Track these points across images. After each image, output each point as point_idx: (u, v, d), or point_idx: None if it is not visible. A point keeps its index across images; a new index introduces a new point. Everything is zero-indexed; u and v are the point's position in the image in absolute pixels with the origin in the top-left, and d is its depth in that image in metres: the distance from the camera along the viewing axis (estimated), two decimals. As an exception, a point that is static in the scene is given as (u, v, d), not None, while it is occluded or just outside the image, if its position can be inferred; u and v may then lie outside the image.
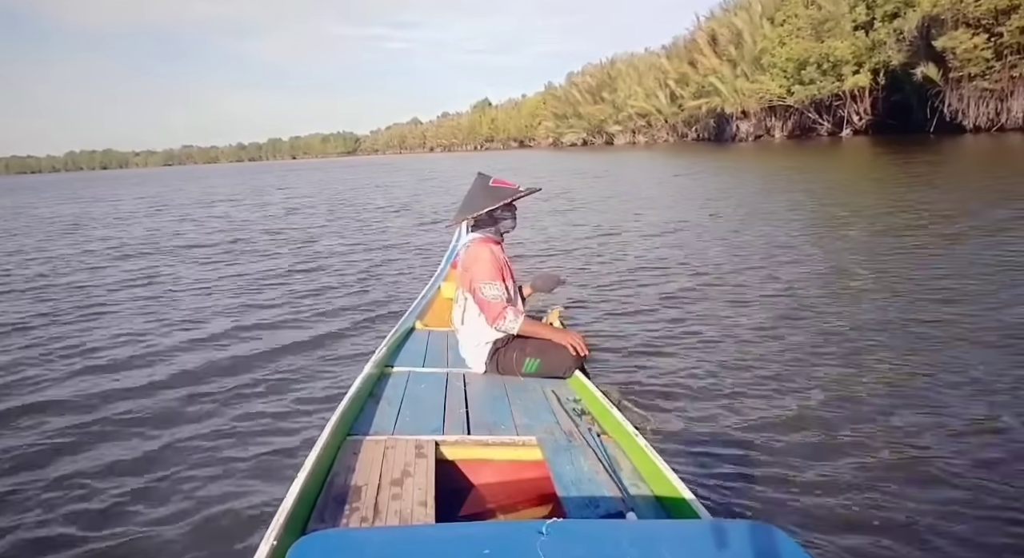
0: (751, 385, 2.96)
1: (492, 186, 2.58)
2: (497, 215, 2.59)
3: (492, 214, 2.58)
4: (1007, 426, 2.41)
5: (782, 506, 2.00)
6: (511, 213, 2.62)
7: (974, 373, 2.90)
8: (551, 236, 8.00)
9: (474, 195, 2.60)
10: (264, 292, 5.66)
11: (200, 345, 4.12)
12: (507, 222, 2.62)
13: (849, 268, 5.11)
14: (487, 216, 2.59)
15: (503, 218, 2.60)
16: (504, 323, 2.47)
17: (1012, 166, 12.42)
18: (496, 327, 2.50)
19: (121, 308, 5.29)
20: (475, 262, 2.52)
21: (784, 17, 30.72)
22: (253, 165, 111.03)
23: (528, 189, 2.60)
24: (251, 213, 13.88)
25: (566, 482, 1.66)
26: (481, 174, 2.66)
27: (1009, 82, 21.70)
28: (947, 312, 3.78)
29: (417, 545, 1.11)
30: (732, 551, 1.05)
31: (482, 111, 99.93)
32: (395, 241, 8.45)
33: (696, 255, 6.16)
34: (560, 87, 65.53)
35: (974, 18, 20.95)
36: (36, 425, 2.96)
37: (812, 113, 31.02)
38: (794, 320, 3.89)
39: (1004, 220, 6.42)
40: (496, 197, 2.55)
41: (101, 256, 8.41)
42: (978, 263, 4.87)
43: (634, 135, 49.31)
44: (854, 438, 2.40)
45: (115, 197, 23.86)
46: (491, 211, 2.56)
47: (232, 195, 20.92)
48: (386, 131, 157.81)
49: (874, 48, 26.50)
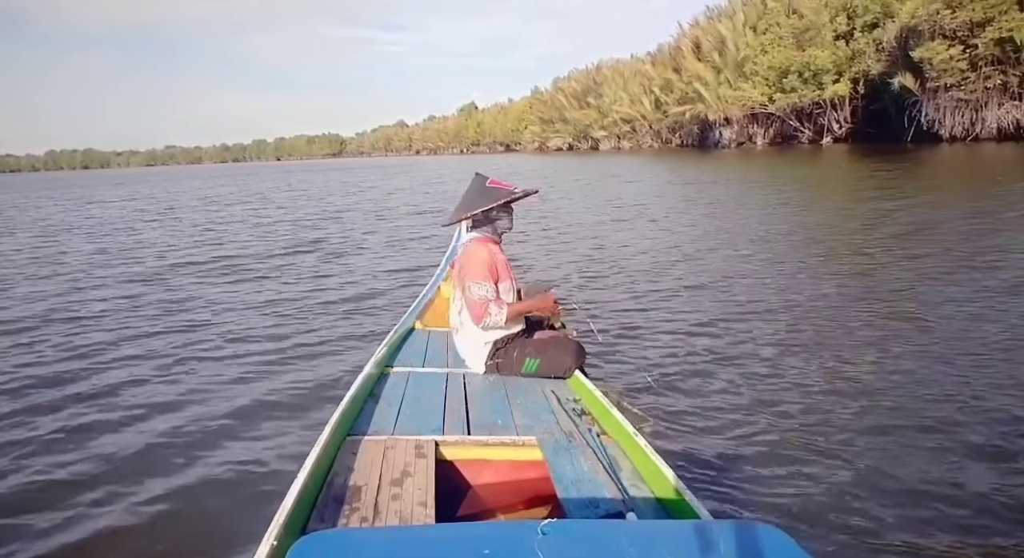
0: (751, 385, 2.98)
1: (489, 186, 2.60)
2: (493, 215, 2.60)
3: (488, 214, 2.59)
4: (1015, 436, 2.41)
5: (782, 506, 2.01)
6: (508, 213, 2.63)
7: (977, 376, 2.92)
8: (550, 237, 8.02)
9: (471, 195, 2.61)
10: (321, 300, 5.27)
11: (200, 344, 4.07)
12: (503, 222, 2.63)
13: (851, 271, 5.19)
14: (483, 216, 2.60)
15: (499, 218, 2.62)
16: (489, 319, 2.48)
17: (978, 178, 12.74)
18: (484, 326, 2.51)
19: (118, 307, 5.20)
20: (468, 261, 2.54)
21: (767, 26, 31.22)
22: (243, 166, 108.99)
23: (524, 191, 2.62)
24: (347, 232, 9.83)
25: (566, 482, 1.66)
26: (479, 174, 2.67)
27: (984, 93, 22.25)
28: (948, 313, 3.86)
29: (417, 545, 1.11)
30: (732, 551, 1.06)
31: (468, 114, 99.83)
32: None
33: (696, 255, 6.23)
34: (546, 92, 65.74)
35: (950, 29, 21.48)
36: (35, 423, 2.92)
37: (793, 121, 31.50)
38: (795, 321, 3.94)
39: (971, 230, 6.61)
40: (492, 197, 2.56)
41: (112, 255, 8.25)
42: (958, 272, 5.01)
43: (619, 140, 49.61)
44: (855, 438, 2.42)
45: (147, 196, 22.67)
46: (487, 211, 2.57)
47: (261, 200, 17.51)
48: (372, 133, 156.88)
49: (854, 57, 27.04)
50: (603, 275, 5.69)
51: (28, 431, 2.85)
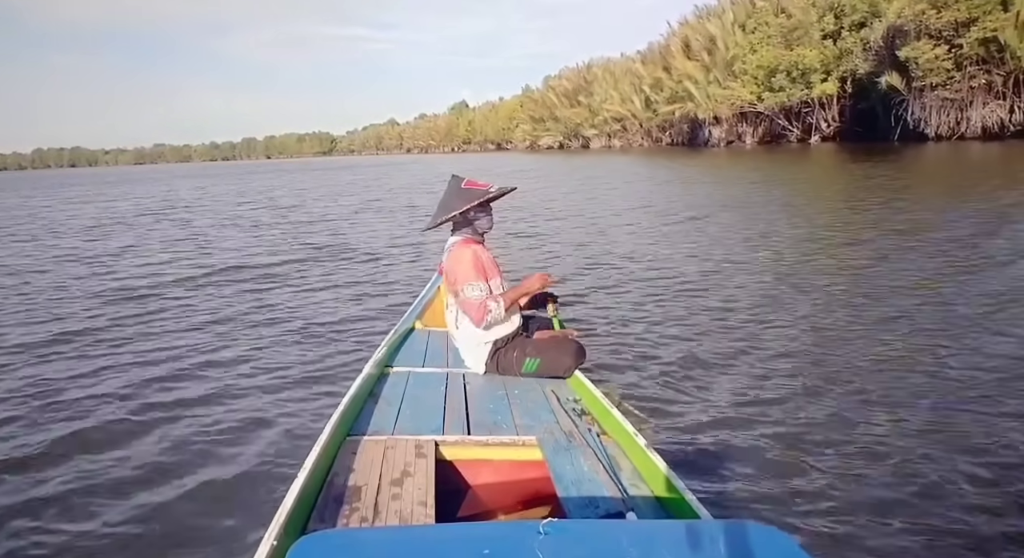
0: (751, 386, 3.00)
1: (464, 188, 2.61)
2: (471, 216, 2.61)
3: (467, 215, 2.60)
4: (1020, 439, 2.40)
5: (782, 506, 2.02)
6: (486, 212, 2.64)
7: (979, 374, 2.94)
8: (549, 238, 8.03)
9: (448, 197, 2.62)
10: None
11: (199, 343, 4.04)
12: (482, 222, 2.64)
13: (853, 272, 5.20)
14: (462, 217, 2.60)
15: (477, 218, 2.62)
16: (490, 316, 2.48)
17: (960, 177, 12.91)
18: (485, 325, 2.51)
19: (113, 314, 5.14)
20: (457, 264, 2.54)
21: (755, 25, 31.41)
22: (236, 164, 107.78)
23: (500, 189, 2.63)
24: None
25: (566, 482, 1.67)
26: (455, 176, 2.69)
27: (968, 92, 22.54)
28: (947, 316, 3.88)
29: (417, 545, 1.11)
30: (732, 551, 1.06)
31: (459, 113, 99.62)
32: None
33: (696, 257, 6.25)
34: (537, 90, 65.76)
35: (936, 29, 21.72)
36: (35, 422, 2.90)
37: (782, 120, 31.73)
38: (796, 322, 3.95)
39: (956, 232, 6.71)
40: (468, 198, 2.57)
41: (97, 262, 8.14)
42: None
43: (609, 139, 49.72)
44: (855, 439, 2.43)
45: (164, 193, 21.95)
46: (465, 212, 2.58)
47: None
48: (363, 132, 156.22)
49: (842, 57, 27.28)
50: (603, 275, 5.70)
51: (27, 431, 2.83)
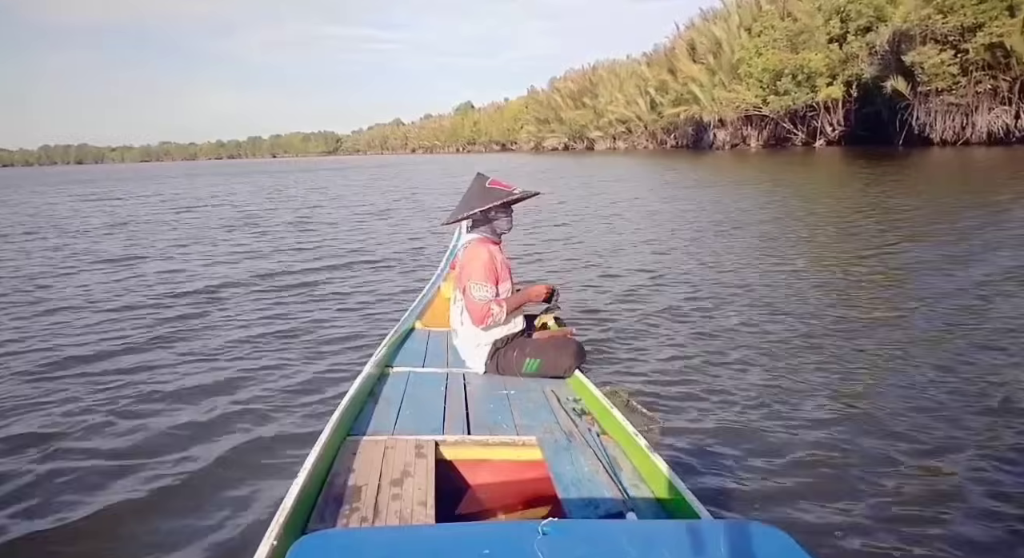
0: (751, 386, 2.99)
1: (489, 187, 2.60)
2: (492, 216, 2.60)
3: (487, 214, 2.59)
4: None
5: (782, 506, 2.01)
6: (507, 214, 2.63)
7: (982, 376, 2.92)
8: (550, 238, 8.03)
9: (471, 195, 2.61)
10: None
11: (199, 343, 4.03)
12: (501, 223, 2.63)
13: (856, 277, 5.16)
14: (482, 216, 2.60)
15: (497, 219, 2.62)
16: (491, 319, 2.50)
17: (962, 183, 12.84)
18: (486, 326, 2.51)
19: (97, 303, 5.16)
20: (469, 262, 2.54)
21: (761, 28, 31.39)
22: (242, 163, 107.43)
23: (524, 192, 2.62)
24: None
25: (566, 482, 1.67)
26: (480, 174, 2.67)
27: (974, 97, 22.49)
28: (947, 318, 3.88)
29: (417, 545, 1.11)
30: (732, 551, 1.06)
31: (465, 113, 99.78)
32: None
33: (695, 258, 6.24)
34: (543, 92, 65.85)
35: (941, 34, 21.69)
36: (35, 419, 2.90)
37: (787, 123, 31.71)
38: (796, 322, 3.94)
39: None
40: (491, 198, 2.57)
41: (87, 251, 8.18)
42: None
43: (614, 141, 49.74)
44: (856, 439, 2.42)
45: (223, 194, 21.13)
46: (486, 211, 2.57)
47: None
48: (368, 131, 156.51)
49: (847, 61, 27.25)
50: (602, 276, 5.70)
51: (25, 427, 2.82)
